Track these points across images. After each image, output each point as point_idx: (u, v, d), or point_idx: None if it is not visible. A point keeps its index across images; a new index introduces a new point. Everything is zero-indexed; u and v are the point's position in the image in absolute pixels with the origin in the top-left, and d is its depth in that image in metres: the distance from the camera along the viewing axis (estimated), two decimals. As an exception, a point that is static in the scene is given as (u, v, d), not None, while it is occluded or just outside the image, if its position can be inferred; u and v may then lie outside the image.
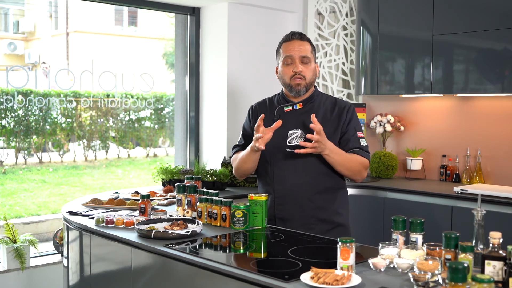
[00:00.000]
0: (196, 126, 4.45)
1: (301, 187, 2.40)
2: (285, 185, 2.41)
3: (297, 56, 2.40)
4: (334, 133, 2.42)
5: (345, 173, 2.41)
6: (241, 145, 2.60)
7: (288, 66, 2.42)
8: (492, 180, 3.80)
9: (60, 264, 3.51)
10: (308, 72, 2.42)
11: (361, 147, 2.42)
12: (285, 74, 2.43)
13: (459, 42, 3.64)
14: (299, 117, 2.45)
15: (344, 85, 4.60)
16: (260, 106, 2.59)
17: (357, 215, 3.83)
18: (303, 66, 2.41)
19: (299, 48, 2.41)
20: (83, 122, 7.55)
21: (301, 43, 2.42)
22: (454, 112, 3.99)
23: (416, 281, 1.49)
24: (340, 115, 2.45)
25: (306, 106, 2.47)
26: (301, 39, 2.44)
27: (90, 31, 11.04)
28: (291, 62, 2.42)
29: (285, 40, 2.46)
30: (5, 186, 7.27)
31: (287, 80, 2.43)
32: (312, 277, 1.56)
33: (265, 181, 2.50)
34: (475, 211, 1.69)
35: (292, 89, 2.43)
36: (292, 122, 2.44)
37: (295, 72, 2.40)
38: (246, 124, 2.61)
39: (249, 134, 2.55)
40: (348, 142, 2.42)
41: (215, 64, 4.33)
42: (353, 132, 2.43)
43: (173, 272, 1.95)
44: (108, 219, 2.33)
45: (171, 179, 3.48)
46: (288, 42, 2.44)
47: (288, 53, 2.42)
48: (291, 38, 2.44)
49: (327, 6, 4.54)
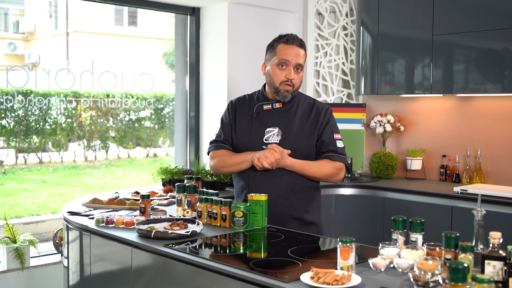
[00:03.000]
0: (196, 126, 4.45)
1: (275, 184, 2.43)
2: (259, 182, 2.44)
3: (293, 62, 2.41)
4: (312, 135, 2.47)
5: (316, 179, 2.49)
6: (220, 139, 2.59)
7: (282, 70, 2.42)
8: (492, 180, 3.80)
9: (60, 264, 3.51)
10: (298, 80, 2.45)
11: (336, 150, 2.46)
12: (276, 77, 2.43)
13: (459, 42, 3.64)
14: (278, 116, 2.49)
15: (344, 85, 4.60)
16: (240, 101, 2.60)
17: (357, 215, 3.83)
18: (295, 73, 2.43)
19: (297, 55, 2.42)
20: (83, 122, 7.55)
21: (299, 50, 2.43)
22: (454, 112, 3.99)
23: (416, 281, 1.49)
24: (317, 117, 2.49)
25: (285, 105, 2.50)
26: (300, 46, 2.44)
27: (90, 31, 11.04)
28: (285, 66, 2.42)
29: (284, 41, 2.44)
30: (5, 186, 7.27)
31: (276, 83, 2.43)
32: (312, 277, 1.56)
33: (241, 177, 2.53)
34: (475, 211, 1.69)
35: (279, 94, 2.44)
36: (270, 121, 2.48)
37: (288, 79, 2.41)
38: (225, 118, 2.61)
39: (227, 128, 2.57)
40: (324, 145, 2.47)
41: (215, 64, 4.33)
42: (329, 134, 2.47)
43: (173, 272, 1.96)
44: (108, 219, 2.33)
45: (171, 179, 3.48)
46: (287, 45, 2.43)
47: (285, 57, 2.41)
48: (292, 42, 2.43)
49: (327, 6, 4.54)
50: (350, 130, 4.31)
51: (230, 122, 2.57)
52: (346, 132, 4.18)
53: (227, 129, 2.57)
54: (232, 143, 2.55)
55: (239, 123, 2.53)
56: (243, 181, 2.51)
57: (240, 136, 2.51)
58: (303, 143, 2.44)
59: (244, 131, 2.50)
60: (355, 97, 4.52)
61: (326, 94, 4.57)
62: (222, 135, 2.59)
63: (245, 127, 2.51)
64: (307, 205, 2.49)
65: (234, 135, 2.54)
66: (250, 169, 2.46)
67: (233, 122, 2.56)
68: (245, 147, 2.48)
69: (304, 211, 2.47)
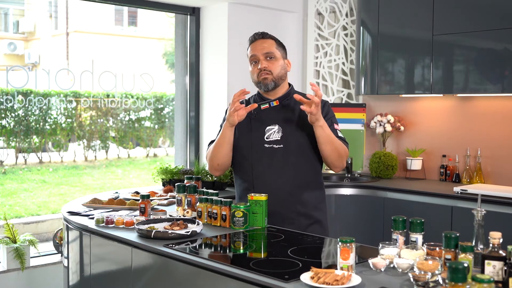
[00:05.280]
0: (196, 126, 4.45)
1: (280, 182, 2.42)
2: (265, 180, 2.43)
3: (260, 53, 2.46)
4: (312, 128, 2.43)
5: (329, 153, 2.37)
6: None
7: (255, 65, 2.49)
8: (492, 180, 3.80)
9: (60, 264, 3.51)
10: (275, 67, 2.46)
11: (339, 138, 2.45)
12: (253, 73, 2.50)
13: (459, 42, 3.64)
14: (276, 113, 2.49)
15: (344, 85, 4.60)
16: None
17: (357, 215, 3.83)
18: (267, 62, 2.46)
19: (261, 46, 2.47)
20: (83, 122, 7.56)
21: (263, 41, 2.49)
22: (454, 112, 3.99)
23: (416, 281, 1.49)
24: None
25: (283, 102, 2.51)
26: (263, 38, 2.50)
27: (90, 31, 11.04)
28: (256, 61, 2.48)
29: (250, 41, 2.53)
30: (5, 186, 7.28)
31: (255, 78, 2.49)
32: (312, 277, 1.56)
33: (244, 178, 2.51)
34: (475, 211, 1.69)
35: (260, 85, 2.48)
36: (269, 119, 2.48)
37: (260, 69, 2.45)
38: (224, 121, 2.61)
39: None
40: None
41: (215, 64, 4.33)
42: (330, 124, 2.46)
43: (173, 272, 1.96)
44: (108, 219, 2.33)
45: (171, 179, 3.48)
46: (253, 43, 2.51)
47: (252, 52, 2.49)
48: (254, 39, 2.51)
49: (327, 6, 4.54)
50: (350, 130, 4.31)
51: None
52: (346, 132, 4.17)
53: None
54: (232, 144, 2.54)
55: (239, 125, 2.52)
56: (246, 182, 2.49)
57: (241, 137, 2.51)
58: (304, 137, 2.44)
59: (245, 131, 2.51)
60: (355, 97, 4.52)
61: (326, 94, 4.57)
62: None
63: (245, 128, 2.51)
64: (315, 202, 2.48)
65: (234, 136, 2.53)
66: (254, 170, 2.45)
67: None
68: (246, 146, 2.48)
69: (312, 208, 2.46)
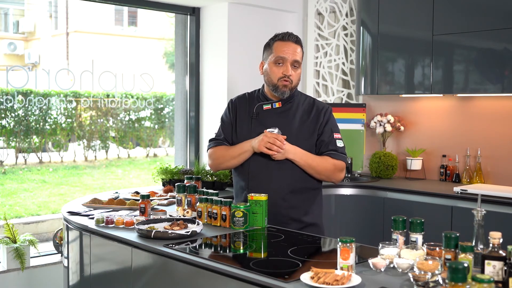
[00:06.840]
0: (196, 126, 4.45)
1: (275, 186, 2.42)
2: (260, 183, 2.43)
3: (290, 59, 2.40)
4: (312, 135, 2.46)
5: (316, 176, 2.44)
6: (220, 138, 2.58)
7: (279, 67, 2.42)
8: (492, 180, 3.80)
9: (60, 264, 3.51)
10: (296, 76, 2.44)
11: (336, 149, 2.44)
12: (273, 74, 2.43)
13: (459, 42, 3.64)
14: (277, 115, 2.48)
15: (344, 85, 4.60)
16: (240, 100, 2.59)
17: (357, 215, 3.83)
18: (293, 70, 2.42)
19: (293, 51, 2.41)
20: (83, 122, 7.56)
21: (296, 47, 2.42)
22: (454, 112, 3.99)
23: (416, 281, 1.49)
24: (317, 117, 2.48)
25: (285, 105, 2.49)
26: (296, 43, 2.44)
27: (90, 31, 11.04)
28: (282, 63, 2.41)
29: (280, 39, 2.44)
30: (5, 186, 7.27)
31: (274, 80, 2.43)
32: (312, 277, 1.56)
33: (240, 177, 2.52)
34: (475, 211, 1.69)
35: (278, 90, 2.43)
36: (270, 121, 2.46)
37: (285, 75, 2.40)
38: (226, 117, 2.60)
39: (228, 127, 2.56)
40: (324, 144, 2.45)
41: (215, 64, 4.33)
42: (329, 133, 2.46)
43: (173, 272, 1.96)
44: (108, 219, 2.33)
45: (171, 179, 3.48)
46: (283, 42, 2.43)
47: (282, 54, 2.41)
48: (288, 39, 2.43)
49: (327, 6, 4.54)
50: (350, 130, 4.31)
51: (231, 121, 2.56)
52: (346, 132, 4.18)
53: (228, 128, 2.57)
54: (232, 142, 2.54)
55: (240, 122, 2.52)
56: (243, 182, 2.50)
57: (241, 136, 2.50)
58: (303, 143, 2.43)
59: (244, 132, 2.50)
60: (355, 97, 4.52)
61: (326, 94, 4.57)
62: (222, 134, 2.58)
63: (245, 127, 2.50)
64: (307, 207, 2.48)
65: (234, 135, 2.54)
66: (250, 170, 2.46)
67: (233, 121, 2.55)
68: None
69: (303, 213, 2.46)
